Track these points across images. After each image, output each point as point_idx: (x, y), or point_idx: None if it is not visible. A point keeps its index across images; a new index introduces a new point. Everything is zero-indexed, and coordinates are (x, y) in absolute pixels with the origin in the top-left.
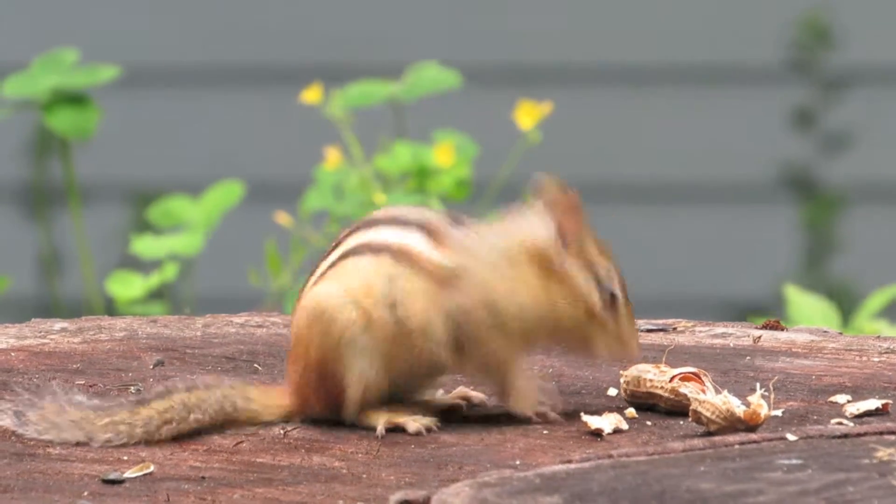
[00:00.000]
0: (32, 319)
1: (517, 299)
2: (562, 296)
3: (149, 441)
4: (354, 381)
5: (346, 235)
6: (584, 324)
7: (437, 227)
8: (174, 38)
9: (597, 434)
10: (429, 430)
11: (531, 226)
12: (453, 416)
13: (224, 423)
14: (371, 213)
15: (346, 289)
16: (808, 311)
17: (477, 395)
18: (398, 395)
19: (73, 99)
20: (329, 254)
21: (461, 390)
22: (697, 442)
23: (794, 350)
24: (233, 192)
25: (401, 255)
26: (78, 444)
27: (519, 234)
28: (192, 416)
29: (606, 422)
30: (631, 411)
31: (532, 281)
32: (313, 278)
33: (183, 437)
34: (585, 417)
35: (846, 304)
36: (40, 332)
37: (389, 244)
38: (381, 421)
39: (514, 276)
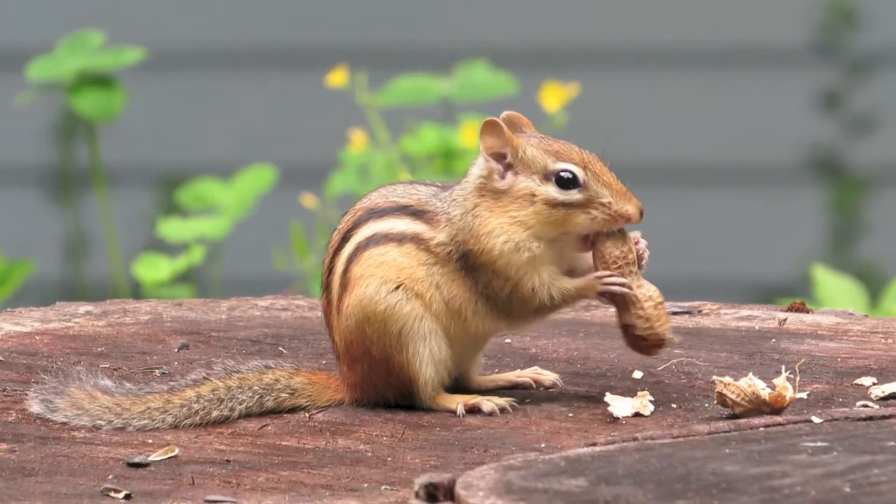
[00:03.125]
0: (57, 303)
1: (502, 236)
2: (521, 206)
3: (182, 426)
4: (424, 366)
5: (354, 225)
6: (563, 215)
7: (425, 205)
8: (201, 19)
9: (619, 417)
10: (503, 409)
11: (471, 168)
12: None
13: (263, 413)
14: (370, 198)
15: (387, 281)
16: (836, 292)
17: (549, 377)
18: (463, 378)
19: (99, 81)
20: (341, 246)
21: (534, 369)
22: (722, 424)
23: (819, 332)
24: (264, 176)
25: (419, 242)
26: (114, 430)
27: (467, 181)
28: (228, 405)
29: (630, 405)
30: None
31: (497, 212)
32: (336, 278)
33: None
34: (609, 400)
35: (873, 286)
36: (65, 315)
37: (405, 232)
38: (457, 402)
39: (485, 216)
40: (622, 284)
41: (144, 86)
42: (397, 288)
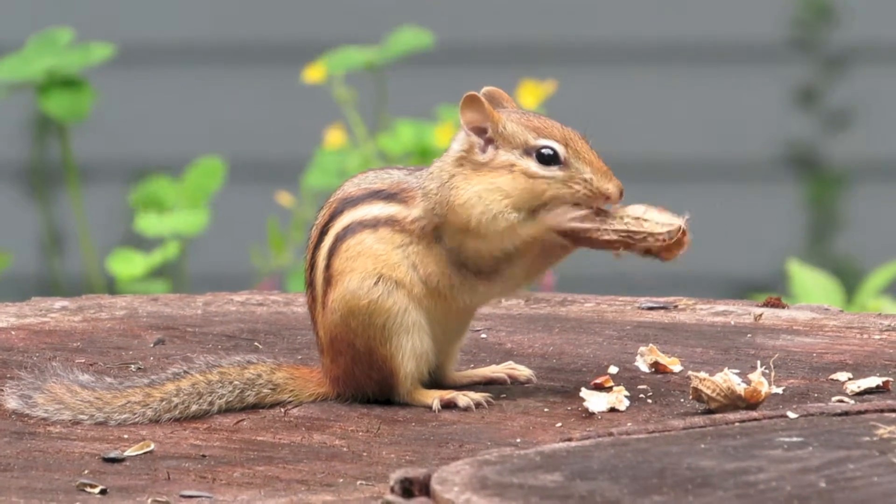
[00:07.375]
0: (33, 298)
1: (479, 206)
2: (500, 174)
3: (162, 420)
4: (406, 360)
5: (331, 217)
6: (543, 189)
7: (399, 185)
8: (172, 15)
9: (595, 412)
10: (478, 405)
11: (452, 143)
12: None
13: (244, 408)
14: (343, 189)
15: (367, 274)
16: (811, 287)
17: (524, 372)
18: (439, 374)
19: (68, 82)
20: (320, 241)
21: (509, 365)
22: (698, 420)
23: (795, 328)
24: (214, 169)
25: (394, 224)
26: (96, 424)
27: (447, 154)
28: (207, 399)
29: (605, 400)
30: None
31: (475, 181)
32: (318, 273)
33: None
34: (584, 395)
35: (849, 281)
36: (41, 310)
37: (378, 217)
38: (433, 397)
39: (462, 186)
40: (584, 216)
41: (117, 82)
42: (378, 281)
